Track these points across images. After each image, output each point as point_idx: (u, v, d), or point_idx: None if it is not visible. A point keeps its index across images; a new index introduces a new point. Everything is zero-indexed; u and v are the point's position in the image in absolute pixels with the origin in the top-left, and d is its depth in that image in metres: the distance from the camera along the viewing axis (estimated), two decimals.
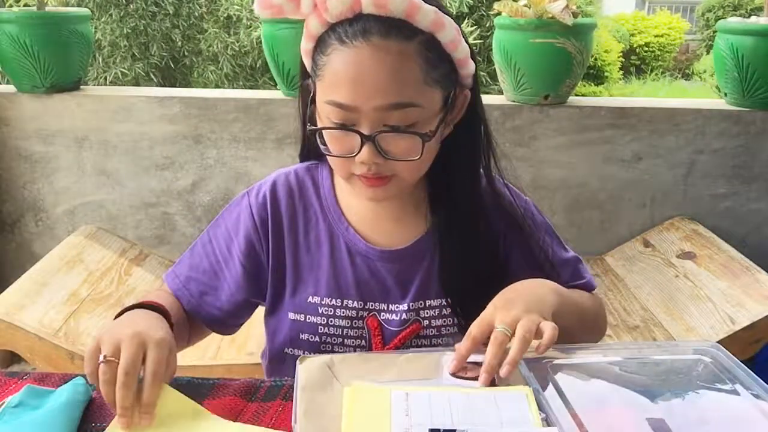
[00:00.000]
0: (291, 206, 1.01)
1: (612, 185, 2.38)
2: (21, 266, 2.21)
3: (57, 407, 0.78)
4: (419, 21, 0.83)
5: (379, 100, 0.83)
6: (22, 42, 2.20)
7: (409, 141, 0.85)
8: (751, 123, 2.30)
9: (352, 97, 0.83)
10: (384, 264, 0.99)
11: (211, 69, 4.95)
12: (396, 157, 0.86)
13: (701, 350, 0.89)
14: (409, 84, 0.83)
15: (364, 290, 0.98)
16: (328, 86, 0.85)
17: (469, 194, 0.98)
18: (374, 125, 0.84)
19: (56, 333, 1.72)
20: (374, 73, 0.82)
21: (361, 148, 0.85)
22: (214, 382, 0.87)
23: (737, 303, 1.83)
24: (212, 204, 2.40)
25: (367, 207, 0.99)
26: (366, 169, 0.87)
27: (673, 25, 10.32)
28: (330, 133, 0.88)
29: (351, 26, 0.83)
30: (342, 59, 0.83)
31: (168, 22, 4.99)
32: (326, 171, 1.02)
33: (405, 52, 0.83)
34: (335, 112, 0.85)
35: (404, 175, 0.89)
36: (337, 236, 0.99)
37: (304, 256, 1.00)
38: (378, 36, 0.82)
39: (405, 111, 0.84)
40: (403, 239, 1.00)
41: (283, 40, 2.23)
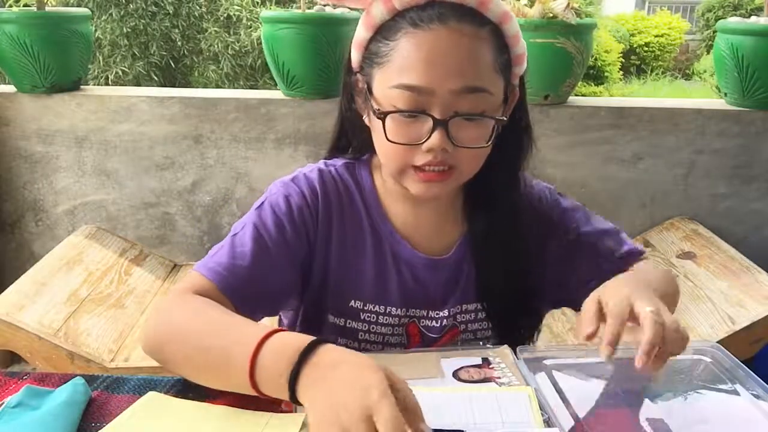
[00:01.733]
0: (339, 201, 0.96)
1: (612, 185, 2.38)
2: (21, 266, 2.22)
3: (57, 407, 0.77)
4: (490, 10, 0.83)
5: (456, 83, 0.81)
6: (22, 42, 2.20)
7: (479, 128, 0.84)
8: (751, 123, 2.30)
9: (428, 78, 0.80)
10: (428, 272, 0.96)
11: (212, 68, 4.95)
12: (465, 144, 0.83)
13: (701, 350, 0.89)
14: (482, 68, 0.83)
15: (408, 298, 0.96)
16: (397, 70, 0.82)
17: (510, 197, 0.96)
18: (447, 110, 0.82)
19: (56, 333, 1.72)
20: (451, 55, 0.81)
21: (431, 133, 0.82)
22: None
23: (737, 303, 1.83)
24: (212, 204, 2.40)
25: (410, 211, 0.96)
26: (431, 158, 0.83)
27: (673, 25, 10.33)
28: (396, 120, 0.83)
29: (424, 11, 0.82)
30: (415, 42, 0.81)
31: (168, 22, 4.99)
32: (365, 171, 0.98)
33: (479, 36, 0.82)
34: (405, 96, 0.82)
35: (464, 167, 0.87)
36: (382, 240, 0.96)
37: (349, 255, 0.96)
38: (454, 20, 0.81)
39: (477, 96, 0.82)
40: (443, 245, 0.97)
41: (283, 40, 2.23)
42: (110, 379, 0.86)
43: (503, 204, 0.95)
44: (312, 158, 2.32)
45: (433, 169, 0.85)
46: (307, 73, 2.25)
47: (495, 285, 0.96)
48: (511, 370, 0.83)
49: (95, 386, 0.84)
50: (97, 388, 0.84)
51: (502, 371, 0.82)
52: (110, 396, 0.83)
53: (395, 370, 0.82)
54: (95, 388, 0.84)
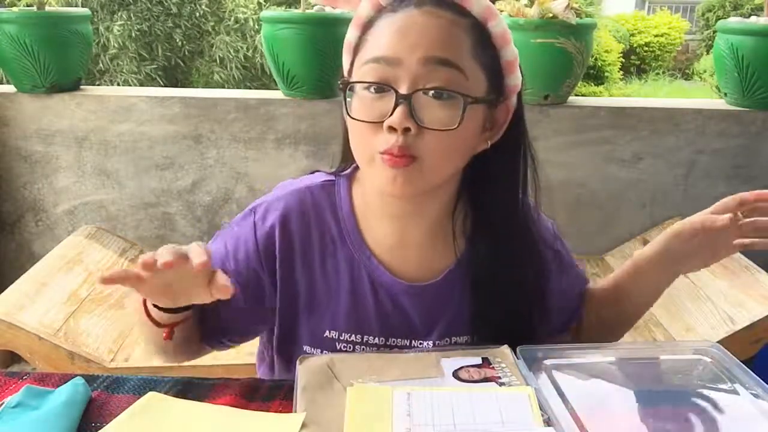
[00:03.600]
0: (305, 233, 0.91)
1: (612, 185, 2.38)
2: (21, 266, 2.21)
3: (56, 407, 0.78)
4: (473, 6, 0.82)
5: (424, 51, 0.77)
6: (22, 42, 2.20)
7: (448, 108, 0.78)
8: (751, 123, 2.30)
9: (393, 47, 0.78)
10: (410, 299, 0.91)
11: (217, 70, 4.96)
12: (430, 126, 0.78)
13: (701, 350, 0.89)
14: (457, 47, 0.79)
15: (387, 326, 0.91)
16: (368, 49, 0.81)
17: (509, 223, 0.91)
18: (413, 84, 0.77)
19: (56, 333, 1.72)
20: (423, 27, 0.79)
21: (394, 109, 0.77)
22: (214, 382, 0.86)
23: (737, 303, 1.83)
24: (212, 204, 2.40)
25: (392, 233, 0.91)
26: (393, 141, 0.77)
27: (673, 25, 10.34)
28: (361, 96, 0.80)
29: (403, 0, 0.82)
30: (389, 21, 0.81)
31: (171, 22, 5.00)
32: (344, 189, 0.93)
33: (456, 22, 0.80)
34: (372, 70, 0.79)
35: (430, 159, 0.79)
36: (358, 265, 0.91)
37: (320, 286, 0.91)
38: (431, 5, 0.80)
39: (448, 71, 0.78)
40: (431, 271, 0.92)
41: (283, 40, 2.23)
42: (110, 379, 0.87)
43: (501, 230, 0.90)
44: (312, 158, 2.32)
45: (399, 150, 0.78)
46: (307, 73, 2.25)
47: (488, 318, 0.90)
48: (511, 370, 0.82)
49: (95, 386, 0.84)
50: (97, 388, 0.84)
51: (502, 371, 0.82)
52: (110, 396, 0.83)
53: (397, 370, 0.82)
54: (95, 388, 0.84)
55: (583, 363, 0.86)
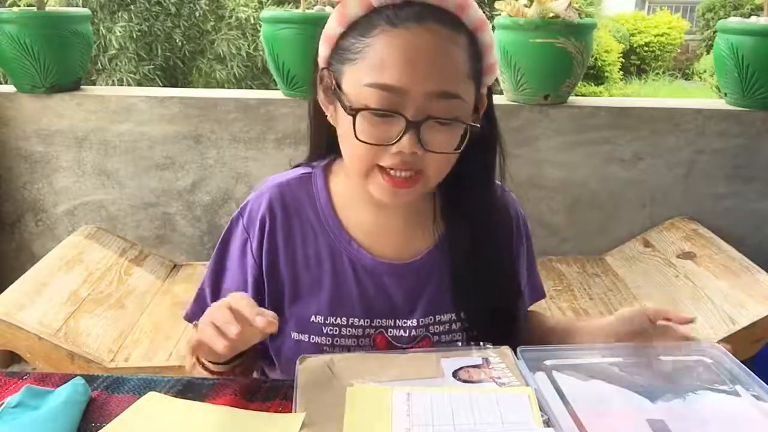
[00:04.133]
0: (287, 224, 0.95)
1: (612, 185, 2.38)
2: (21, 266, 2.21)
3: (56, 407, 0.78)
4: (468, 16, 0.83)
5: (432, 85, 0.80)
6: (22, 42, 2.20)
7: (450, 133, 0.83)
8: (751, 123, 2.30)
9: (403, 78, 0.79)
10: (391, 279, 0.94)
11: (218, 68, 4.96)
12: (434, 149, 0.82)
13: (701, 351, 0.89)
14: (458, 74, 0.82)
15: (370, 307, 0.94)
16: (371, 68, 0.81)
17: (483, 204, 0.95)
18: (420, 112, 0.80)
19: (56, 333, 1.72)
20: (428, 57, 0.80)
21: (402, 135, 0.80)
22: (214, 382, 0.86)
23: (737, 303, 1.83)
24: (212, 204, 2.40)
25: (371, 219, 0.95)
26: (399, 161, 0.82)
27: (673, 25, 10.34)
28: (368, 119, 0.82)
29: (402, 10, 0.81)
30: (392, 40, 0.80)
31: (170, 22, 4.99)
32: (321, 180, 0.97)
33: (455, 41, 0.82)
34: (379, 95, 0.80)
35: (432, 172, 0.85)
36: (338, 251, 0.95)
37: (303, 273, 0.95)
38: (432, 21, 0.81)
39: (450, 102, 0.82)
40: (411, 252, 0.96)
41: (283, 40, 2.22)
42: (110, 379, 0.87)
43: (476, 211, 0.95)
44: None
45: (401, 175, 0.83)
46: (307, 73, 2.23)
47: (468, 294, 0.94)
48: (511, 370, 0.82)
49: (95, 386, 0.84)
50: (97, 388, 0.84)
51: (502, 371, 0.82)
52: (110, 396, 0.83)
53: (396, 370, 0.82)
54: (95, 388, 0.84)
55: (583, 363, 0.86)
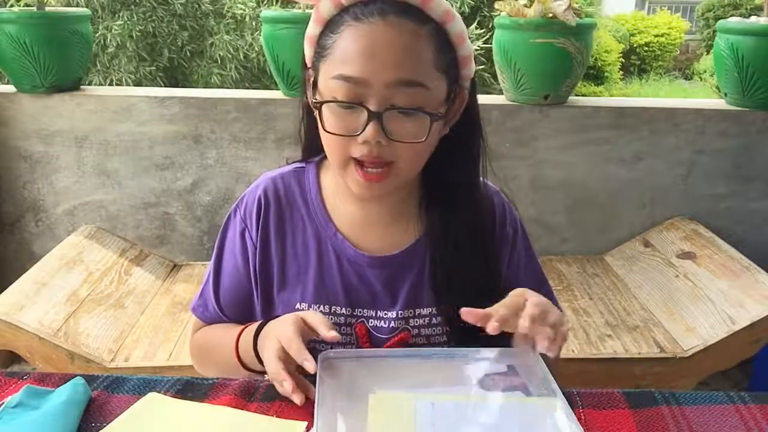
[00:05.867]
0: (278, 213, 0.99)
1: (612, 185, 2.38)
2: (21, 266, 2.21)
3: (57, 407, 0.78)
4: (432, 9, 0.84)
5: (392, 74, 0.82)
6: (22, 42, 2.20)
7: (415, 123, 0.84)
8: (751, 123, 2.30)
9: (363, 69, 0.82)
10: (373, 270, 0.97)
11: (216, 72, 4.95)
12: (401, 139, 0.84)
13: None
14: (420, 63, 0.83)
15: (353, 296, 0.97)
16: (336, 62, 0.84)
17: (466, 200, 0.97)
18: (382, 102, 0.83)
19: (56, 333, 1.72)
20: (388, 48, 0.82)
21: (366, 125, 0.83)
22: (214, 382, 0.87)
23: (737, 303, 1.83)
24: (212, 204, 2.40)
25: (356, 212, 0.98)
26: (367, 151, 0.84)
27: (673, 25, 10.34)
28: (333, 111, 0.85)
29: (367, 6, 0.84)
30: (355, 34, 0.83)
31: (175, 24, 4.99)
32: (312, 174, 1.01)
33: (418, 33, 0.83)
34: (342, 87, 0.83)
35: (403, 164, 0.87)
36: (324, 242, 0.98)
37: (291, 262, 0.99)
38: (394, 15, 0.83)
39: (414, 90, 0.83)
40: (394, 245, 0.98)
41: (283, 40, 2.23)
42: (110, 379, 0.87)
43: (460, 204, 0.96)
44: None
45: (372, 171, 0.86)
46: None
47: (448, 289, 0.95)
48: (539, 379, 0.80)
49: (95, 386, 0.84)
50: (97, 388, 0.84)
51: (529, 380, 0.80)
52: (110, 396, 0.83)
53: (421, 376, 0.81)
54: (95, 388, 0.84)
55: None
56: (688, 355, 1.76)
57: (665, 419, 0.80)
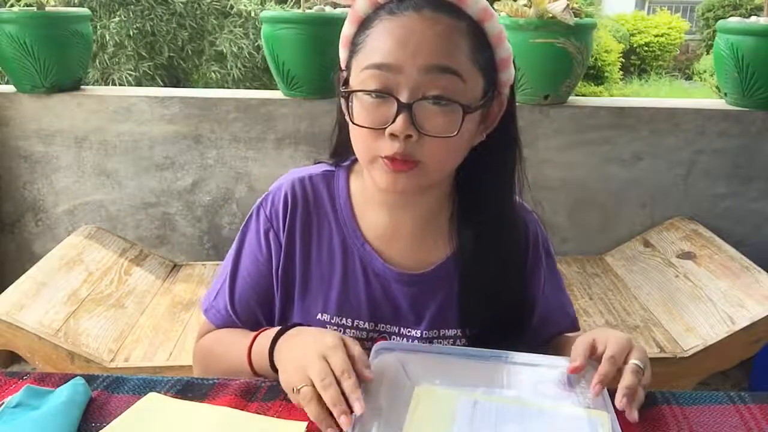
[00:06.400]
0: (305, 216, 0.95)
1: (612, 185, 2.38)
2: (21, 266, 2.21)
3: (57, 407, 0.77)
4: (469, 5, 0.82)
5: (425, 59, 0.78)
6: (22, 42, 2.20)
7: (447, 116, 0.80)
8: (751, 123, 2.30)
9: (395, 55, 0.79)
10: (399, 286, 0.93)
11: (214, 69, 4.95)
12: (431, 133, 0.80)
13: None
14: (457, 53, 0.80)
15: (377, 311, 0.93)
16: (368, 53, 0.81)
17: (500, 216, 0.93)
18: (414, 93, 0.79)
19: (56, 333, 1.72)
20: (423, 36, 0.79)
21: (395, 117, 0.79)
22: (214, 382, 0.86)
23: (737, 303, 1.83)
24: (212, 204, 2.40)
25: (386, 222, 0.94)
26: (396, 148, 0.80)
27: (673, 25, 10.34)
28: (363, 103, 0.82)
29: (402, 2, 0.81)
30: (388, 26, 0.81)
31: (174, 22, 4.99)
32: (342, 179, 0.97)
33: (455, 26, 0.81)
34: (373, 76, 0.80)
35: (431, 162, 0.82)
36: (351, 252, 0.94)
37: (315, 269, 0.95)
38: (429, 9, 0.80)
39: (448, 78, 0.79)
40: (424, 262, 0.94)
41: (283, 40, 2.23)
42: (110, 379, 0.86)
43: (493, 222, 0.92)
44: (312, 158, 2.31)
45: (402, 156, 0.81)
46: (307, 73, 2.25)
47: (476, 311, 0.92)
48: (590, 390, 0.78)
49: (95, 386, 0.84)
50: (97, 388, 0.84)
51: (581, 390, 0.78)
52: (110, 396, 0.83)
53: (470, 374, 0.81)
54: (95, 388, 0.84)
55: None
56: (688, 355, 1.76)
57: (665, 419, 0.80)
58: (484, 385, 0.79)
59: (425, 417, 0.73)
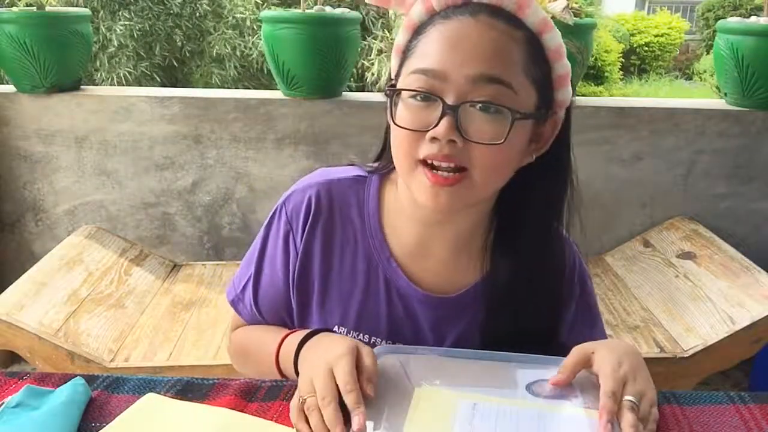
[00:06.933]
0: (329, 223, 0.91)
1: (612, 185, 2.38)
2: (21, 266, 2.21)
3: (57, 407, 0.77)
4: (528, 16, 0.78)
5: (473, 68, 0.74)
6: (22, 42, 2.20)
7: (494, 123, 0.75)
8: (751, 123, 2.30)
9: (443, 61, 0.75)
10: (423, 307, 0.90)
11: (215, 71, 4.97)
12: (476, 139, 0.75)
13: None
14: (508, 63, 0.76)
15: (396, 330, 0.90)
16: (417, 57, 0.78)
17: (539, 247, 0.88)
18: (460, 97, 0.75)
19: (56, 333, 1.72)
20: (473, 41, 0.75)
21: (440, 120, 0.74)
22: (214, 382, 0.86)
23: (737, 303, 1.83)
24: (212, 204, 2.40)
25: (416, 238, 0.89)
26: (437, 149, 0.75)
27: (673, 25, 10.35)
28: (407, 105, 0.77)
29: (458, 8, 0.78)
30: (441, 29, 0.77)
31: (171, 22, 5.00)
32: (374, 187, 0.91)
33: (511, 34, 0.77)
34: (419, 80, 0.76)
35: (477, 172, 0.77)
36: (375, 266, 0.90)
37: (335, 280, 0.91)
38: (486, 15, 0.77)
39: (497, 88, 0.75)
40: (451, 285, 0.90)
41: (283, 40, 2.23)
42: (110, 379, 0.86)
43: (531, 252, 0.87)
44: (312, 158, 2.32)
45: (442, 174, 0.76)
46: (307, 73, 2.25)
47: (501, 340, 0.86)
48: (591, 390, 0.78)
49: (95, 386, 0.84)
50: (97, 388, 0.84)
51: (581, 390, 0.78)
52: (110, 396, 0.83)
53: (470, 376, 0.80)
54: (95, 388, 0.84)
55: None
56: (688, 355, 1.76)
57: (665, 419, 0.80)
58: (484, 386, 0.79)
59: (425, 418, 0.73)
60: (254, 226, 2.41)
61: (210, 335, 1.84)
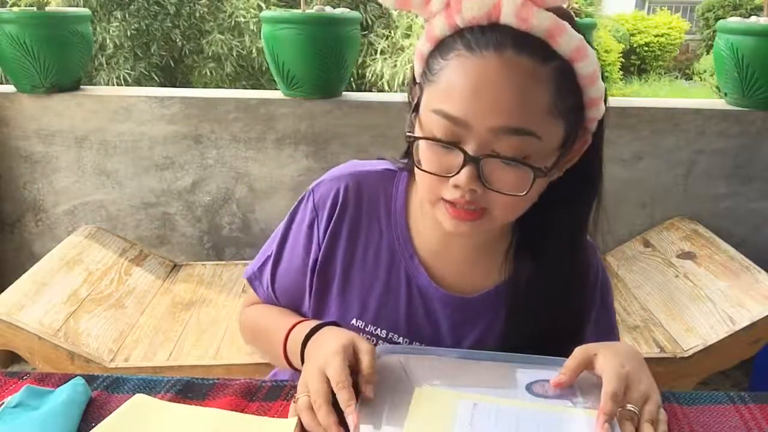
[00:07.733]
0: (355, 216, 0.91)
1: (612, 185, 2.36)
2: (21, 266, 2.21)
3: (56, 407, 0.77)
4: (560, 44, 0.73)
5: (496, 120, 0.72)
6: (22, 42, 2.20)
7: (517, 173, 0.74)
8: (751, 123, 2.30)
9: (466, 110, 0.72)
10: (442, 307, 0.90)
11: (212, 67, 4.98)
12: (497, 189, 0.75)
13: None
14: (533, 111, 0.73)
15: (414, 328, 0.90)
16: (440, 93, 0.75)
17: (563, 254, 0.88)
18: (482, 147, 0.73)
19: (56, 333, 1.72)
20: (498, 89, 0.72)
21: (461, 169, 0.74)
22: (214, 382, 0.86)
23: (737, 303, 1.83)
24: (212, 204, 2.40)
25: (440, 238, 0.89)
26: (458, 195, 0.75)
27: (673, 25, 10.36)
28: (429, 147, 0.76)
29: (483, 34, 0.73)
30: (463, 65, 0.73)
31: (169, 22, 5.01)
32: (403, 184, 0.91)
33: (537, 74, 0.72)
34: (441, 123, 0.74)
35: (498, 212, 0.78)
36: (398, 261, 0.90)
37: (356, 273, 0.91)
38: (512, 50, 0.72)
39: (521, 139, 0.73)
40: (472, 286, 0.91)
41: (283, 40, 2.23)
42: (110, 379, 0.86)
43: (555, 259, 0.87)
44: (312, 158, 2.32)
45: (464, 207, 0.77)
46: (307, 73, 2.25)
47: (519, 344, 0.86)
48: (591, 390, 0.78)
49: (95, 386, 0.84)
50: (97, 388, 0.84)
51: (581, 390, 0.78)
52: (110, 396, 0.83)
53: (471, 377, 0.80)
54: (95, 388, 0.84)
55: None
56: (688, 355, 1.76)
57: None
58: (484, 386, 0.79)
59: (425, 417, 0.73)
60: (254, 226, 2.41)
61: (210, 335, 1.84)
